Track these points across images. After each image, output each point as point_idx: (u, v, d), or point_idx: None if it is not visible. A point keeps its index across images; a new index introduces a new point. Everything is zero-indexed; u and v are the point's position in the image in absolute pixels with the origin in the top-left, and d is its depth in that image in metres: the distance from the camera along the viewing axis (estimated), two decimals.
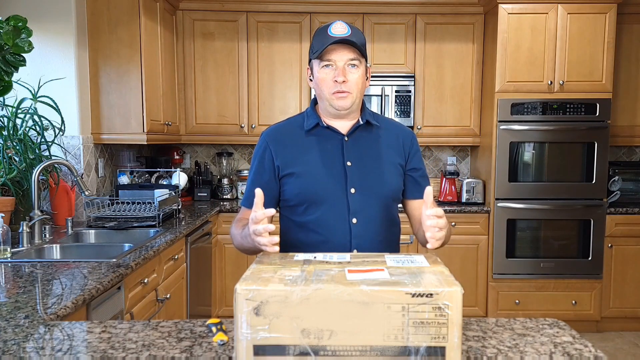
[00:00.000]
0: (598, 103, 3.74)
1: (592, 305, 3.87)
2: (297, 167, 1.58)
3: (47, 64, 3.02)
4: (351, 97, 1.54)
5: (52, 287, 1.79)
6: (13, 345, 1.21)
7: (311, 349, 0.98)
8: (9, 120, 2.71)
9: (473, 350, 1.15)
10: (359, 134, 1.61)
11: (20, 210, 2.68)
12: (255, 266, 1.15)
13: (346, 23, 1.54)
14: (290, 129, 1.65)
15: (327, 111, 1.60)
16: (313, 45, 1.57)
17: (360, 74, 1.54)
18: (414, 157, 1.66)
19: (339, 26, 1.52)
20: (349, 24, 1.55)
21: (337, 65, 1.52)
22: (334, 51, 1.51)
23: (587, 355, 1.13)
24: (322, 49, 1.50)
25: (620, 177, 3.99)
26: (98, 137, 3.27)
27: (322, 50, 1.50)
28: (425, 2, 3.94)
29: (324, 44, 1.50)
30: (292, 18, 3.98)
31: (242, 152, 4.44)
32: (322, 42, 1.51)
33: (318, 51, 1.52)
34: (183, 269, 2.99)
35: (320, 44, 1.52)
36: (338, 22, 1.53)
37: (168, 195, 3.26)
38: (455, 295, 0.97)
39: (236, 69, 4.01)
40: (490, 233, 3.86)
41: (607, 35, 3.72)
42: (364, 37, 1.58)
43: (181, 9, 3.93)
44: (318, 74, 1.55)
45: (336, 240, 1.55)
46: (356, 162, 1.58)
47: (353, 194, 1.56)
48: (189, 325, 1.31)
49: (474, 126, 4.07)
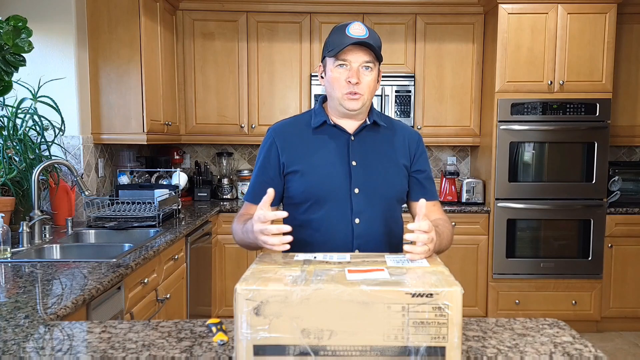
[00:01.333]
0: (598, 103, 3.74)
1: (592, 305, 3.87)
2: (302, 165, 1.58)
3: (47, 64, 3.02)
4: (362, 99, 1.54)
5: (52, 287, 1.79)
6: (13, 345, 1.21)
7: (311, 349, 0.98)
8: (9, 120, 2.71)
9: (473, 350, 1.15)
10: (365, 133, 1.61)
11: (20, 210, 2.68)
12: (255, 266, 1.15)
13: (364, 24, 1.54)
14: (297, 126, 1.64)
15: (337, 110, 1.59)
16: (329, 43, 1.55)
17: (373, 76, 1.54)
18: (419, 159, 1.65)
19: (357, 27, 1.51)
20: (367, 25, 1.54)
21: (351, 66, 1.51)
22: (351, 52, 1.51)
23: (587, 355, 1.13)
24: (340, 49, 1.50)
25: (620, 177, 3.99)
26: (98, 137, 3.27)
27: (340, 50, 1.50)
28: (425, 2, 3.94)
29: (342, 43, 1.50)
30: (292, 18, 3.98)
31: (242, 152, 4.44)
32: (340, 42, 1.50)
33: (335, 50, 1.51)
34: (183, 269, 2.99)
35: (337, 43, 1.51)
36: (356, 23, 1.53)
37: (168, 195, 3.26)
38: (455, 295, 0.98)
39: (236, 69, 4.01)
40: (490, 233, 3.86)
41: (607, 35, 3.72)
42: (380, 39, 1.57)
43: (181, 9, 3.93)
44: (331, 73, 1.55)
45: (338, 240, 1.55)
46: (361, 161, 1.58)
47: (357, 194, 1.56)
48: (189, 325, 1.31)
49: (474, 126, 4.07)
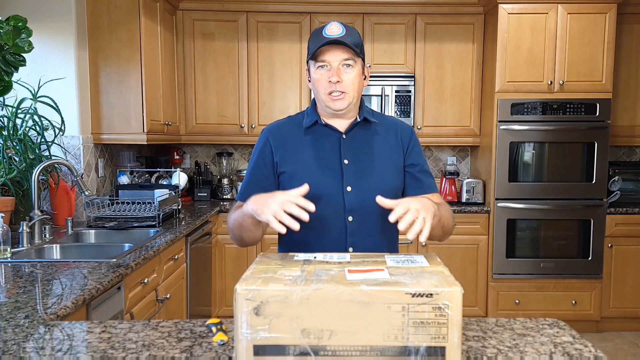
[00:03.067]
0: (598, 103, 3.74)
1: (592, 305, 3.87)
2: (295, 164, 1.59)
3: (47, 64, 3.02)
4: (347, 97, 1.54)
5: (52, 287, 1.79)
6: (13, 345, 1.21)
7: (311, 349, 0.98)
8: (9, 120, 2.71)
9: (473, 350, 1.15)
10: (357, 131, 1.62)
11: (20, 210, 2.68)
12: (255, 266, 1.15)
13: (341, 23, 1.54)
14: (290, 127, 1.66)
15: (325, 111, 1.61)
16: (308, 46, 1.58)
17: (355, 73, 1.54)
18: (412, 152, 1.64)
19: (334, 27, 1.53)
20: (345, 24, 1.55)
21: (331, 65, 1.53)
22: (328, 52, 1.52)
23: (587, 355, 1.13)
24: (315, 50, 1.52)
25: (620, 177, 3.99)
26: (98, 137, 3.27)
27: (315, 51, 1.52)
28: (425, 2, 3.94)
29: (317, 44, 1.52)
30: (292, 18, 3.98)
31: (242, 152, 4.44)
32: (316, 43, 1.53)
33: (311, 51, 1.53)
34: (183, 269, 2.99)
35: (314, 45, 1.53)
36: (333, 23, 1.54)
37: (168, 195, 3.26)
38: (456, 295, 0.97)
39: (236, 69, 4.01)
40: (490, 233, 3.86)
41: (607, 35, 3.72)
42: (360, 36, 1.58)
43: (181, 9, 3.93)
44: (314, 75, 1.56)
45: (331, 238, 1.55)
46: (353, 159, 1.58)
47: (349, 192, 1.56)
48: (189, 325, 1.31)
49: (474, 126, 4.07)
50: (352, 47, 1.51)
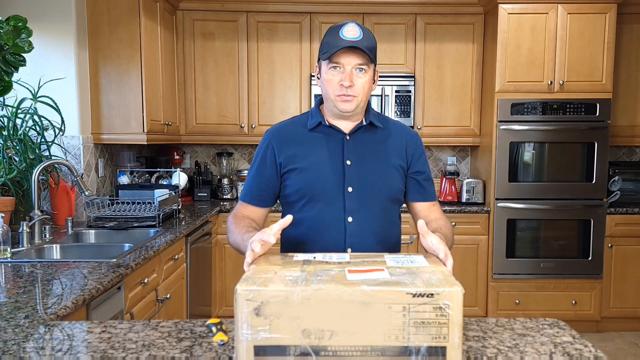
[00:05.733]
0: (598, 103, 3.74)
1: (592, 305, 3.87)
2: (299, 164, 1.59)
3: (47, 64, 3.02)
4: (356, 101, 1.54)
5: (52, 287, 1.79)
6: (13, 345, 1.21)
7: (312, 350, 0.98)
8: (9, 120, 2.71)
9: (473, 350, 1.15)
10: (361, 134, 1.62)
11: (20, 210, 2.68)
12: (256, 267, 1.15)
13: (358, 25, 1.52)
14: (293, 127, 1.66)
15: (332, 111, 1.60)
16: (323, 45, 1.55)
17: (367, 78, 1.54)
18: (418, 161, 1.66)
19: (351, 29, 1.51)
20: (362, 26, 1.53)
21: (345, 68, 1.51)
22: (344, 55, 1.50)
23: (587, 355, 1.13)
24: (332, 53, 1.50)
25: (620, 177, 3.99)
26: (98, 137, 3.27)
27: (333, 53, 1.50)
28: (425, 2, 3.94)
29: (334, 47, 1.50)
30: (292, 18, 3.98)
31: (242, 152, 4.44)
32: (333, 45, 1.50)
33: (327, 53, 1.51)
34: (183, 269, 2.98)
35: (330, 46, 1.51)
36: (350, 25, 1.52)
37: (168, 195, 3.26)
38: (456, 295, 0.97)
39: (236, 69, 4.01)
40: (490, 233, 3.86)
41: (607, 35, 3.72)
42: (375, 39, 1.56)
43: (181, 9, 3.93)
44: (325, 75, 1.55)
45: (330, 238, 1.56)
46: (356, 161, 1.58)
47: (350, 193, 1.56)
48: (189, 325, 1.31)
49: (474, 126, 4.07)
50: (368, 53, 1.50)
